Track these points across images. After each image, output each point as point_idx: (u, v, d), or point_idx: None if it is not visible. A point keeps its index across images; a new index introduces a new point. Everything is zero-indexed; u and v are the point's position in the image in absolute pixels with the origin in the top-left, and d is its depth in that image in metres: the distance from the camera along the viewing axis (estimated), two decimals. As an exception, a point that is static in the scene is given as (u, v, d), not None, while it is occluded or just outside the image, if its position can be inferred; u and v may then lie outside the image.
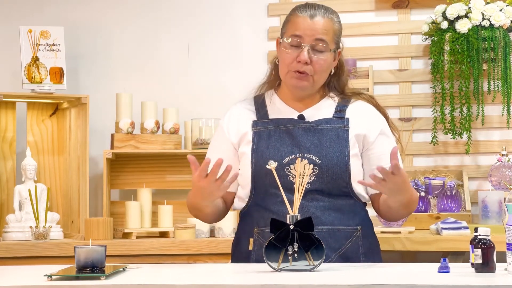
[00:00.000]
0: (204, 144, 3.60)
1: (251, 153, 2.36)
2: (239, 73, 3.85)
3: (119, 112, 3.65)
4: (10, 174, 3.67)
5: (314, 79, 2.36)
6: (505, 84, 3.55)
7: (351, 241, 2.32)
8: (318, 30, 2.33)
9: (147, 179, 3.79)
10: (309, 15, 2.35)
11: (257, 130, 2.40)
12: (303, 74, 2.34)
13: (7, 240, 3.43)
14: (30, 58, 3.61)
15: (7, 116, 3.68)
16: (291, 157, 2.31)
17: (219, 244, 3.38)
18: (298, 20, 2.36)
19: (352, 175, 2.33)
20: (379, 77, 3.78)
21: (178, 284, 1.79)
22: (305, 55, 2.32)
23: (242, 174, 2.38)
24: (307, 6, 2.38)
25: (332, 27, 2.37)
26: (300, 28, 2.34)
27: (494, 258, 1.88)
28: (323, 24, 2.34)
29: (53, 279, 1.86)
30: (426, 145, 3.72)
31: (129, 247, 3.37)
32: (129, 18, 3.95)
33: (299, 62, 2.33)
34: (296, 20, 2.36)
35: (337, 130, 2.36)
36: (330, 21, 2.37)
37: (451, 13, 3.54)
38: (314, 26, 2.33)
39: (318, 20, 2.34)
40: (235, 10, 3.92)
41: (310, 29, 2.33)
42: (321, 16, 2.35)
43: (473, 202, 3.55)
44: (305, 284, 1.77)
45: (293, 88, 2.38)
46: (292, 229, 2.01)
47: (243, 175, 2.37)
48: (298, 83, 2.35)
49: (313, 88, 2.39)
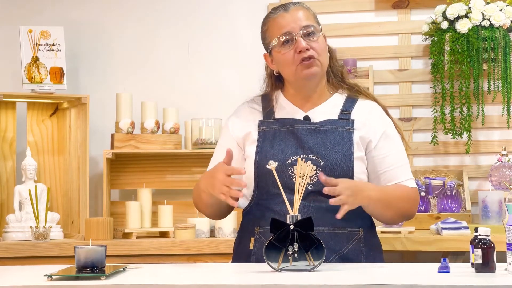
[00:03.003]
0: (204, 144, 3.60)
1: (255, 152, 2.37)
2: (239, 73, 3.85)
3: (119, 112, 3.65)
4: (10, 174, 3.67)
5: (321, 61, 2.37)
6: (505, 84, 3.55)
7: (352, 243, 2.31)
8: (300, 17, 2.36)
9: (147, 179, 3.79)
10: (283, 10, 2.39)
11: (262, 130, 2.40)
12: (311, 60, 2.34)
13: (7, 240, 3.43)
14: (30, 58, 3.61)
15: (7, 116, 3.68)
16: (295, 158, 2.31)
17: (219, 244, 3.38)
18: (276, 20, 2.38)
19: (356, 177, 2.32)
20: (379, 77, 3.78)
21: (178, 284, 1.79)
22: (302, 42, 2.33)
23: (246, 173, 2.38)
24: (276, 7, 2.42)
25: (309, 11, 2.40)
26: (282, 24, 2.36)
27: (494, 258, 1.88)
28: (300, 11, 2.38)
29: (53, 279, 1.86)
30: (426, 145, 3.72)
31: (129, 247, 3.37)
32: (129, 18, 3.96)
33: (300, 52, 2.33)
34: (274, 22, 2.39)
35: (342, 132, 2.35)
36: (304, 8, 2.41)
37: (451, 13, 3.54)
38: (294, 16, 2.36)
39: (294, 10, 2.38)
40: (235, 10, 3.92)
41: (292, 20, 2.36)
42: (294, 7, 2.39)
43: (473, 202, 3.55)
44: (305, 284, 1.77)
45: (306, 79, 2.36)
46: (292, 229, 2.01)
47: (247, 174, 2.37)
48: (310, 70, 2.35)
49: (323, 71, 2.40)
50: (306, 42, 2.33)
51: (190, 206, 3.64)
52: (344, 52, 3.70)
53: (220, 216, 2.50)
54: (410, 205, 2.37)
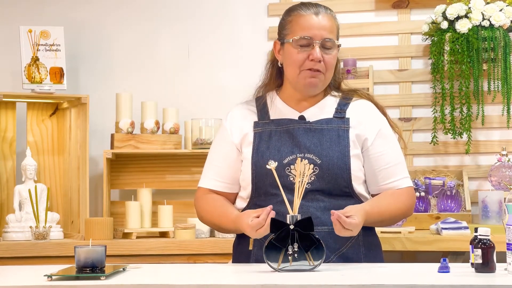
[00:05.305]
0: (204, 144, 3.60)
1: (252, 153, 2.37)
2: (239, 73, 3.85)
3: (119, 112, 3.65)
4: (10, 174, 3.67)
5: (326, 76, 2.37)
6: (505, 84, 3.55)
7: (351, 242, 2.32)
8: (325, 27, 2.34)
9: (147, 179, 3.79)
10: (313, 12, 2.36)
11: (258, 131, 2.40)
12: (317, 72, 2.34)
13: (7, 240, 3.43)
14: (30, 58, 3.61)
15: (7, 116, 3.68)
16: (291, 157, 2.32)
17: (219, 244, 3.38)
18: (303, 19, 2.36)
19: (353, 175, 2.33)
20: (379, 77, 3.78)
21: (178, 284, 1.79)
22: (318, 52, 2.32)
23: (243, 175, 2.39)
24: (307, 5, 2.38)
25: (335, 23, 2.39)
26: (307, 26, 2.34)
27: (494, 258, 1.88)
28: (328, 21, 2.36)
29: (53, 279, 1.86)
30: (426, 145, 3.72)
31: (129, 247, 3.37)
32: (129, 18, 3.96)
33: (312, 60, 2.33)
34: (300, 19, 2.36)
35: (338, 130, 2.36)
36: (332, 17, 2.39)
37: (451, 13, 3.54)
38: (321, 24, 2.34)
39: (323, 17, 2.36)
40: (235, 10, 3.92)
41: (318, 27, 2.34)
42: (324, 13, 2.37)
43: (473, 202, 3.55)
44: (305, 284, 1.77)
45: (306, 88, 2.37)
46: (292, 229, 2.01)
47: (244, 175, 2.38)
48: (312, 81, 2.35)
49: (324, 85, 2.40)
50: (321, 53, 2.33)
51: (190, 206, 3.65)
52: (344, 52, 3.70)
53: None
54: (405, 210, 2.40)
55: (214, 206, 2.41)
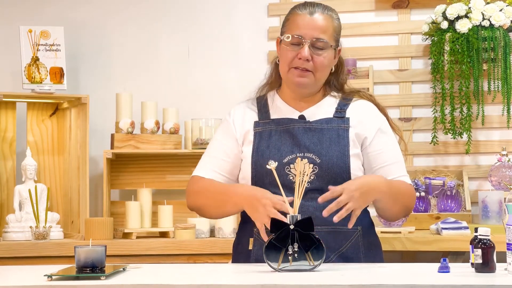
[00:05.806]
0: (204, 144, 3.60)
1: (252, 152, 2.37)
2: (239, 73, 3.85)
3: (119, 112, 3.65)
4: (10, 174, 3.67)
5: (316, 76, 2.37)
6: (505, 84, 3.55)
7: (351, 241, 2.32)
8: (318, 26, 2.35)
9: (147, 179, 3.79)
10: (308, 12, 2.37)
11: (258, 131, 2.41)
12: (304, 71, 2.35)
13: (7, 240, 3.43)
14: (30, 58, 3.61)
15: (7, 116, 3.68)
16: (291, 157, 2.32)
17: (219, 244, 3.38)
18: (297, 18, 2.37)
19: (353, 174, 2.33)
20: (379, 77, 3.78)
21: (178, 284, 1.79)
22: (306, 51, 2.33)
23: (242, 173, 2.39)
24: (306, 4, 2.40)
25: (331, 24, 2.38)
26: (300, 25, 2.35)
27: (494, 258, 1.88)
28: (322, 21, 2.36)
29: (53, 279, 1.86)
30: (426, 145, 3.72)
31: (129, 247, 3.37)
32: (129, 18, 3.96)
33: (299, 59, 2.34)
34: (295, 18, 2.38)
35: (337, 130, 2.36)
36: (329, 18, 2.38)
37: (451, 13, 3.54)
38: (313, 23, 2.35)
39: (318, 17, 2.36)
40: (235, 10, 3.92)
41: (310, 26, 2.34)
42: (320, 13, 2.37)
43: (473, 202, 3.55)
44: (305, 284, 1.77)
45: (294, 86, 2.38)
46: (292, 229, 2.01)
47: (244, 174, 2.38)
48: (300, 80, 2.36)
49: (315, 86, 2.40)
50: (310, 52, 2.33)
51: (190, 206, 3.64)
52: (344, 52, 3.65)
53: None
54: (411, 200, 2.41)
55: (213, 184, 2.37)
